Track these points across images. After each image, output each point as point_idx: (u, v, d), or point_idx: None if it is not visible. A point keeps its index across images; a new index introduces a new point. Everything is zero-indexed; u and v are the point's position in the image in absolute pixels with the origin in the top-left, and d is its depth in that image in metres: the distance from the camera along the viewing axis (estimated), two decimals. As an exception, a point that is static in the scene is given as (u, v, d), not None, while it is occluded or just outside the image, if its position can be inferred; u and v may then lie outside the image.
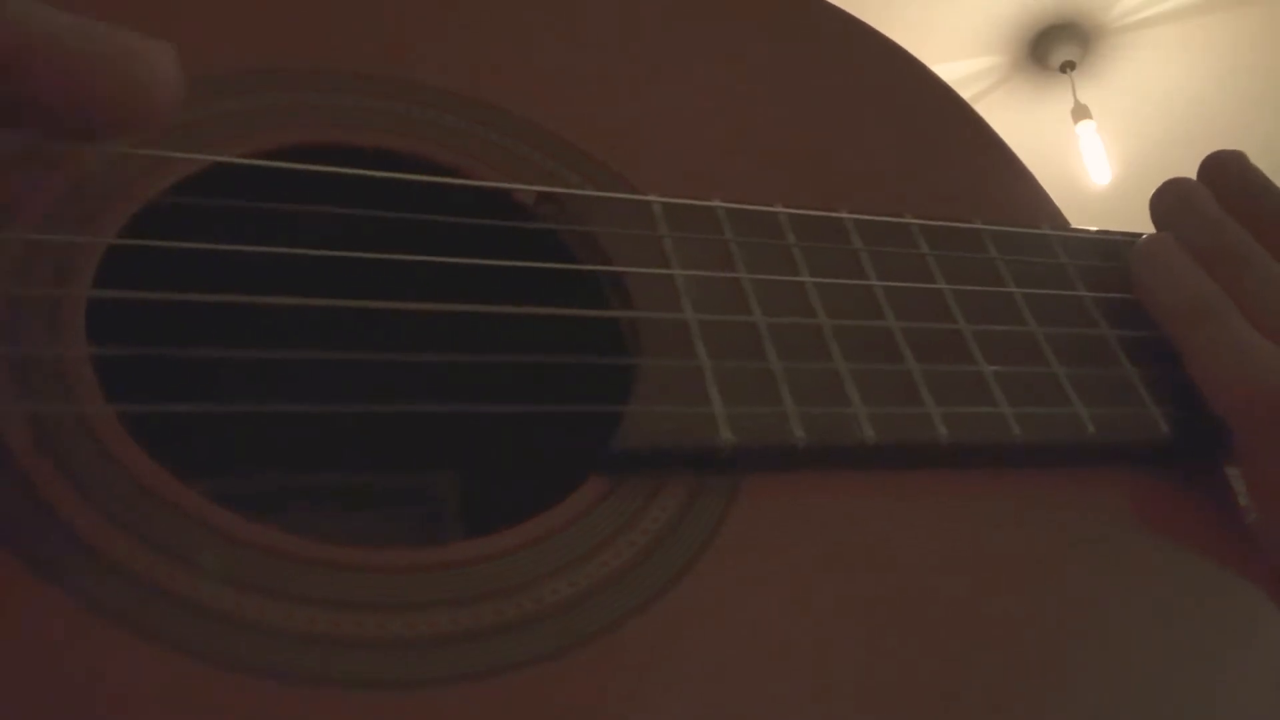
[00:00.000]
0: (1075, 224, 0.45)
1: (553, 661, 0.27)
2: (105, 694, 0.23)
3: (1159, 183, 0.44)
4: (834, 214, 0.39)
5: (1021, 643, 0.32)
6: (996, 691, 0.31)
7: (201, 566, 0.26)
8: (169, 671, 0.24)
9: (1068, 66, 2.45)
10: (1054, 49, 2.43)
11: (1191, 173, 0.44)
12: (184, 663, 0.24)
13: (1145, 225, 0.44)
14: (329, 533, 0.28)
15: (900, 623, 0.31)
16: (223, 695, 0.24)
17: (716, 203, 0.37)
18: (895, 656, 0.30)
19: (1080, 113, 2.48)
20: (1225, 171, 0.43)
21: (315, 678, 0.25)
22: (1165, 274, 0.40)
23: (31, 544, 0.25)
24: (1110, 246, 0.43)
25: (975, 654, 0.31)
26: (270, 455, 0.37)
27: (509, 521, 0.30)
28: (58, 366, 0.27)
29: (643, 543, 0.30)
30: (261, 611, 0.25)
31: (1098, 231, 0.44)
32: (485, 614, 0.27)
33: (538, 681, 0.26)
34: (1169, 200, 0.43)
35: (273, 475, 0.39)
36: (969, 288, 0.39)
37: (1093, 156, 2.51)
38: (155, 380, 0.29)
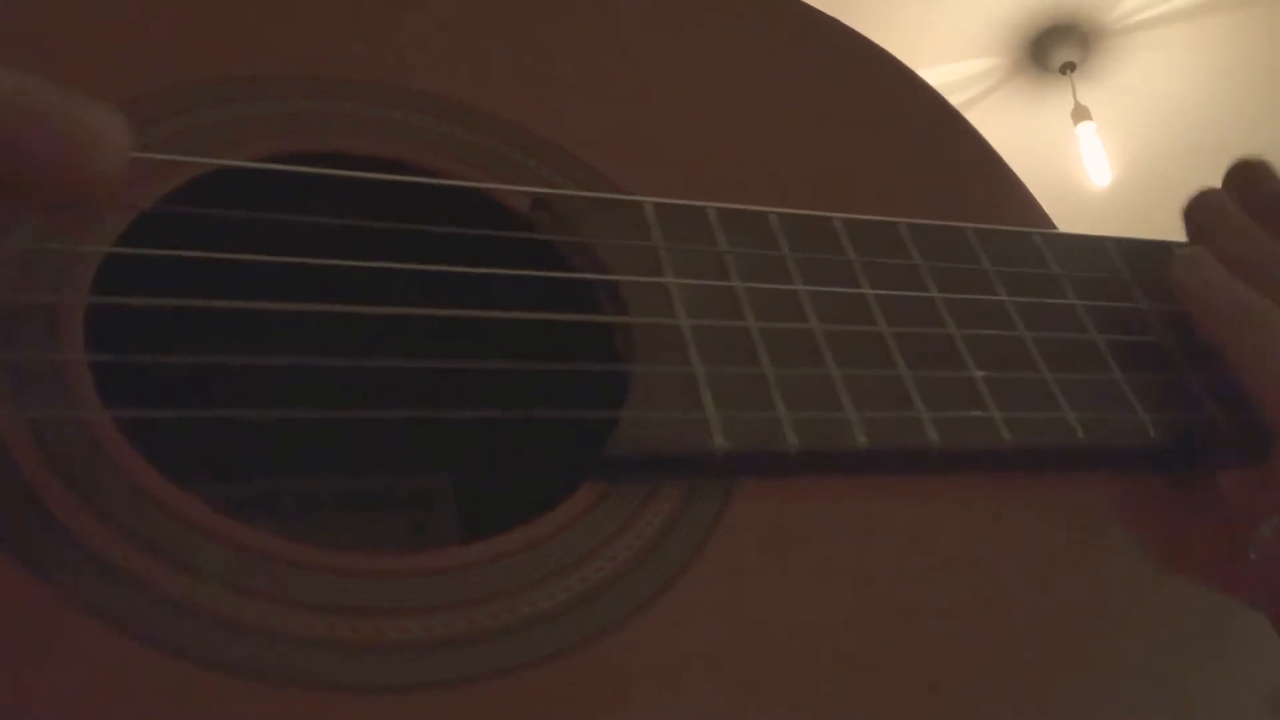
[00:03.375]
0: (1075, 225, 0.46)
1: (549, 666, 0.27)
2: (103, 696, 0.24)
3: (1159, 184, 0.44)
4: (825, 214, 0.39)
5: (1014, 645, 0.32)
6: (989, 693, 0.31)
7: (199, 570, 0.26)
8: (167, 675, 0.24)
9: (1068, 68, 2.44)
10: (1054, 50, 2.43)
11: (1191, 174, 0.44)
12: (181, 666, 0.24)
13: (1146, 226, 0.45)
14: (324, 536, 0.28)
15: (893, 626, 0.31)
16: (219, 698, 0.24)
17: (709, 204, 0.37)
18: (889, 660, 0.30)
19: (1080, 114, 2.48)
20: (1249, 179, 0.44)
21: (312, 681, 0.25)
22: (1214, 281, 0.41)
23: (31, 548, 0.25)
24: (1100, 252, 0.43)
25: (967, 657, 0.31)
26: (266, 459, 0.37)
27: (504, 526, 0.30)
28: (57, 372, 0.28)
29: (638, 547, 0.30)
30: (259, 615, 0.26)
31: (1088, 236, 0.44)
32: (481, 618, 0.27)
33: (535, 685, 0.27)
34: (1200, 210, 0.44)
35: (269, 479, 0.40)
36: (960, 295, 0.39)
37: (1093, 158, 2.51)
38: (153, 385, 0.29)
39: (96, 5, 0.35)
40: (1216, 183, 0.45)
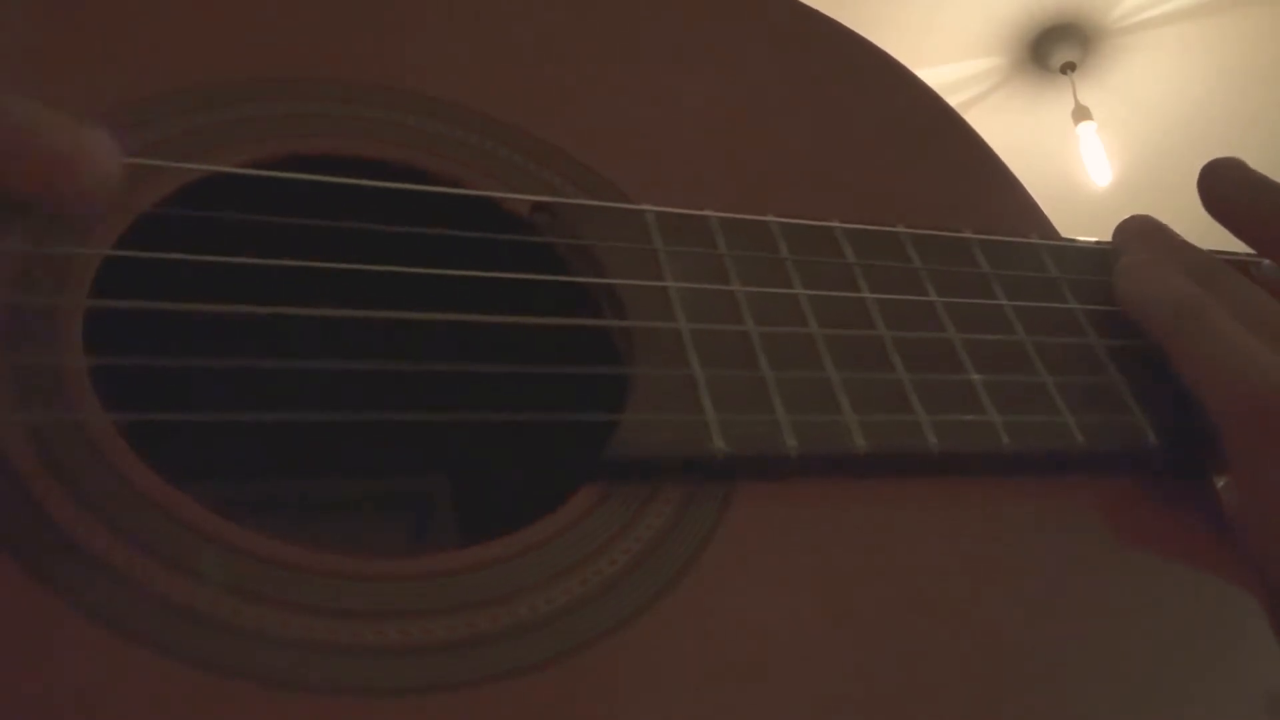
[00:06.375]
0: (1075, 225, 0.46)
1: (549, 668, 0.27)
2: (102, 700, 0.24)
3: (1159, 184, 0.44)
4: (826, 224, 0.39)
5: (1013, 649, 0.32)
6: (988, 696, 0.31)
7: (199, 573, 0.26)
8: (165, 677, 0.24)
9: (1068, 68, 2.45)
10: (1054, 50, 2.43)
11: (1191, 174, 0.44)
12: (180, 669, 0.24)
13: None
14: (323, 539, 0.28)
15: (892, 630, 0.31)
16: (218, 701, 0.24)
17: (710, 212, 0.38)
18: (887, 663, 0.30)
19: (1081, 114, 2.49)
20: (1224, 175, 0.43)
21: (312, 684, 0.25)
22: (1149, 280, 0.40)
23: (30, 551, 0.25)
24: (1100, 257, 0.43)
25: (966, 661, 0.31)
26: (265, 461, 0.37)
27: (503, 528, 0.30)
28: (56, 375, 0.28)
29: (636, 550, 0.30)
30: (258, 618, 0.26)
31: (1087, 242, 0.44)
32: (481, 621, 0.27)
33: (535, 688, 0.27)
34: (1128, 233, 0.43)
35: (268, 481, 0.40)
36: (960, 300, 0.39)
37: (1093, 158, 2.51)
38: (152, 388, 0.29)
39: (107, 6, 0.35)
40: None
